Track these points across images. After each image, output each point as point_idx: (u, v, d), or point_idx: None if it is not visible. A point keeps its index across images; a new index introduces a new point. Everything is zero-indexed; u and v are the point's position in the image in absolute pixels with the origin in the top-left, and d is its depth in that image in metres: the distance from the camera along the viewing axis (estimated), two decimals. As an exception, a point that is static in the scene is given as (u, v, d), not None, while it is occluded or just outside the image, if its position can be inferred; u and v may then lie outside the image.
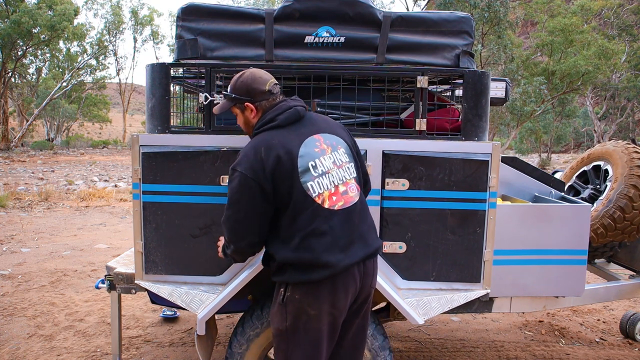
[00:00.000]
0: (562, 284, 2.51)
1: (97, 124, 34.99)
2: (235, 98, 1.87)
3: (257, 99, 1.85)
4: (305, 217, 1.75)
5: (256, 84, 1.85)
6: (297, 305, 1.78)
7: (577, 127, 29.26)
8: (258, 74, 1.87)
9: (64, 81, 27.14)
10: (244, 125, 1.93)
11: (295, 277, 1.77)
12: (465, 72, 2.33)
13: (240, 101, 1.86)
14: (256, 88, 1.84)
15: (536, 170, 3.10)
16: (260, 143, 1.78)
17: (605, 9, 22.67)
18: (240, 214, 1.77)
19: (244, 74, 1.88)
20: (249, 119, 1.89)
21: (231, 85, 1.89)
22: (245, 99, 1.85)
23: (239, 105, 1.88)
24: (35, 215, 8.44)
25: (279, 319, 1.82)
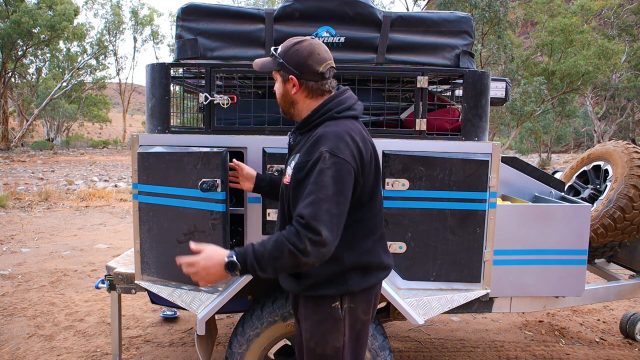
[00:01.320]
0: (562, 284, 2.51)
1: (97, 124, 34.99)
2: (282, 64, 1.64)
3: (305, 77, 1.63)
4: (378, 219, 1.70)
5: (311, 61, 1.62)
6: (354, 315, 1.67)
7: (577, 127, 29.25)
8: (317, 50, 1.63)
9: (64, 81, 27.14)
10: (281, 96, 1.70)
11: (358, 285, 1.63)
12: (465, 72, 2.33)
13: (287, 70, 1.64)
14: (310, 65, 1.62)
15: (536, 170, 3.10)
16: (352, 131, 1.59)
17: (605, 9, 22.68)
18: (340, 208, 1.48)
19: (303, 42, 1.64)
20: (289, 93, 1.67)
21: (284, 48, 1.65)
22: (293, 71, 1.63)
23: (283, 73, 1.66)
24: (35, 215, 8.44)
25: (335, 337, 1.65)
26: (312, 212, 1.44)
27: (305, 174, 1.53)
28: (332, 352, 1.66)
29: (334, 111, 1.64)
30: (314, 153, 1.53)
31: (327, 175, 1.48)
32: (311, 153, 1.55)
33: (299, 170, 1.56)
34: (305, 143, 1.64)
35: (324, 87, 1.67)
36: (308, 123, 1.66)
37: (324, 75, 1.64)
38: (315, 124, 1.65)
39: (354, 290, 1.64)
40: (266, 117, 2.37)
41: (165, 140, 2.32)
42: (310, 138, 1.61)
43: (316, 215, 1.43)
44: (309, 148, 1.57)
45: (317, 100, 1.67)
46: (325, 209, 1.45)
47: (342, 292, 1.63)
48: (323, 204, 1.45)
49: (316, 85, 1.65)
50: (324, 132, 1.58)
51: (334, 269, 1.62)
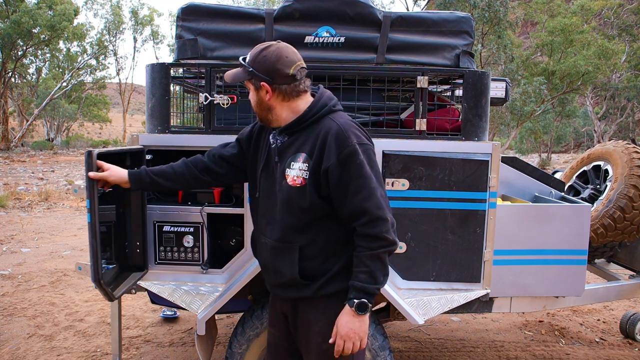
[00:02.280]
0: (562, 284, 2.51)
1: (97, 124, 34.98)
2: (252, 73, 1.62)
3: (277, 82, 1.61)
4: None
5: (280, 65, 1.59)
6: None
7: (577, 127, 29.24)
8: (284, 53, 1.61)
9: (64, 81, 27.14)
10: (256, 104, 1.68)
11: None
12: (465, 72, 2.33)
13: (257, 78, 1.62)
14: (279, 69, 1.60)
15: (536, 170, 3.10)
16: (354, 121, 1.66)
17: (605, 9, 22.68)
18: (384, 186, 1.62)
19: (270, 48, 1.62)
20: (263, 100, 1.64)
21: (252, 56, 1.63)
22: (263, 77, 1.60)
23: (254, 81, 1.64)
24: (35, 215, 8.44)
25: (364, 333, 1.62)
26: (373, 204, 1.54)
27: (341, 172, 1.56)
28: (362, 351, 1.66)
29: (331, 105, 1.66)
30: (342, 149, 1.56)
31: (365, 164, 1.56)
32: (338, 150, 1.56)
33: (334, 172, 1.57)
34: (308, 141, 1.62)
35: (299, 88, 1.65)
36: (303, 121, 1.65)
37: (295, 77, 1.62)
38: (313, 120, 1.64)
39: None
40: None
41: (165, 141, 2.32)
42: (317, 135, 1.61)
43: (378, 204, 1.55)
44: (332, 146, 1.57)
45: (295, 102, 1.66)
46: (380, 195, 1.56)
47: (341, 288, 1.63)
48: (376, 192, 1.56)
49: (289, 87, 1.63)
50: (336, 126, 1.60)
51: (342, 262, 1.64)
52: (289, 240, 1.64)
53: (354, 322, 1.57)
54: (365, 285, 1.55)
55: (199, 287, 2.32)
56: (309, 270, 1.64)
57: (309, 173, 1.60)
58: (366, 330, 1.60)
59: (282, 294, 1.74)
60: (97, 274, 1.84)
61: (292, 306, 1.74)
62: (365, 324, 1.59)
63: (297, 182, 1.61)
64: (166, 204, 2.40)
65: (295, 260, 1.63)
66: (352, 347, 1.59)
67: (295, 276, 1.63)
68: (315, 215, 1.63)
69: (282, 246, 1.66)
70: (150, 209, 2.34)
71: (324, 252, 1.64)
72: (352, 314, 1.57)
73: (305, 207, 1.61)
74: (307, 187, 1.59)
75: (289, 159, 1.64)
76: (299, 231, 1.64)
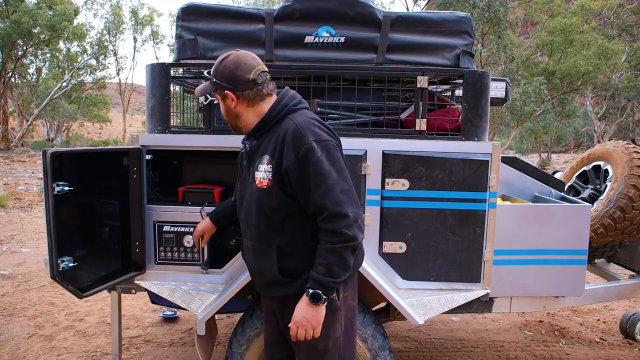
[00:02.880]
0: (562, 284, 2.51)
1: (97, 124, 34.94)
2: (215, 83, 1.68)
3: (239, 88, 1.66)
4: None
5: (239, 71, 1.65)
6: (347, 302, 1.73)
7: (577, 127, 29.22)
8: (243, 59, 1.67)
9: (64, 81, 27.11)
10: (225, 113, 1.74)
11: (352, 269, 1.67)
12: (465, 72, 2.33)
13: (221, 87, 1.68)
14: (239, 76, 1.65)
15: (536, 170, 3.10)
16: (314, 116, 1.68)
17: (605, 9, 22.66)
18: (348, 181, 1.60)
19: (228, 57, 1.68)
20: (230, 108, 1.70)
21: (214, 68, 1.70)
22: (225, 86, 1.66)
23: (220, 92, 1.70)
24: (35, 215, 8.44)
25: (336, 328, 1.69)
26: (330, 201, 1.55)
27: (300, 170, 1.59)
28: (333, 344, 1.70)
29: (291, 105, 1.70)
30: (299, 148, 1.58)
31: (323, 161, 1.57)
32: (295, 149, 1.59)
33: (293, 170, 1.59)
34: (271, 142, 1.66)
35: (262, 92, 1.69)
36: (266, 123, 1.69)
37: (256, 81, 1.67)
38: (275, 121, 1.68)
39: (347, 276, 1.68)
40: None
41: (165, 140, 2.32)
42: (277, 135, 1.64)
43: (336, 201, 1.55)
44: (289, 145, 1.60)
45: (261, 106, 1.70)
46: (340, 191, 1.56)
47: None
48: (334, 189, 1.55)
49: (252, 93, 1.67)
50: (294, 125, 1.63)
51: None
52: (266, 240, 1.69)
53: (307, 310, 1.60)
54: (321, 277, 1.57)
55: (198, 287, 2.32)
56: (290, 267, 1.68)
57: (272, 174, 1.64)
58: (320, 320, 1.61)
59: (269, 293, 1.78)
60: (53, 270, 1.90)
61: (281, 304, 1.77)
62: (319, 314, 1.60)
63: (263, 183, 1.66)
64: (166, 204, 2.41)
65: (274, 259, 1.67)
66: (305, 334, 1.62)
67: (276, 274, 1.67)
68: (287, 214, 1.66)
69: (261, 247, 1.70)
70: (150, 209, 2.34)
71: (304, 249, 1.67)
72: (307, 303, 1.60)
73: (274, 207, 1.65)
74: (273, 187, 1.64)
75: (257, 162, 1.69)
76: (274, 231, 1.68)
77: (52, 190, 1.87)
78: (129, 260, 2.32)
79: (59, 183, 1.89)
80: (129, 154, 2.26)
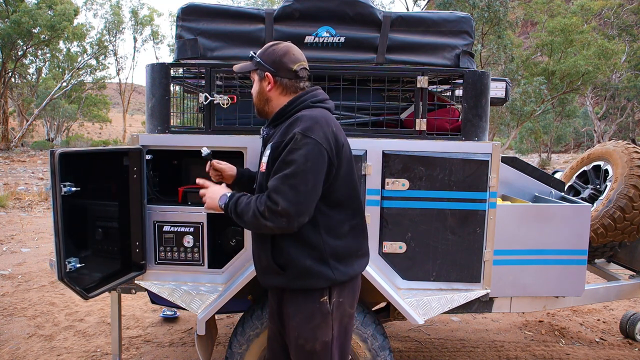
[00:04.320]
0: (562, 284, 2.51)
1: (97, 124, 34.93)
2: (258, 63, 1.75)
3: (279, 74, 1.73)
4: (357, 204, 1.77)
5: (286, 59, 1.73)
6: (342, 309, 1.73)
7: (577, 127, 29.23)
8: (292, 51, 1.76)
9: (64, 81, 27.11)
10: (257, 94, 1.79)
11: (343, 274, 1.69)
12: (465, 72, 2.33)
13: (263, 68, 1.74)
14: (284, 63, 1.73)
15: (536, 170, 3.10)
16: (328, 116, 1.70)
17: (605, 9, 22.66)
18: (308, 185, 1.57)
19: (280, 44, 1.77)
20: (264, 90, 1.76)
21: (261, 49, 1.78)
22: (268, 67, 1.73)
23: (259, 72, 1.76)
24: (35, 215, 8.44)
25: (324, 332, 1.70)
26: (275, 185, 1.57)
27: (278, 153, 1.63)
28: (321, 347, 1.70)
29: (310, 101, 1.74)
30: (288, 134, 1.62)
31: (298, 154, 1.57)
32: (286, 134, 1.64)
33: (274, 150, 1.64)
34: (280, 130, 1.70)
35: (298, 85, 1.76)
36: (284, 114, 1.74)
37: (298, 73, 1.74)
38: (291, 113, 1.72)
39: (342, 280, 1.69)
40: (266, 117, 2.36)
41: (165, 140, 2.32)
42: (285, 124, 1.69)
43: (278, 188, 1.57)
44: (285, 129, 1.66)
45: (291, 98, 1.76)
46: (290, 184, 1.56)
47: (330, 284, 1.67)
48: (288, 180, 1.56)
49: (290, 82, 1.74)
50: (301, 115, 1.67)
51: (315, 254, 1.67)
52: None
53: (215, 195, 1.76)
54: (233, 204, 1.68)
55: (198, 287, 2.32)
56: (281, 257, 1.70)
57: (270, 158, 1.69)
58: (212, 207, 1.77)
59: (263, 281, 1.82)
60: (61, 271, 1.89)
61: (278, 298, 1.80)
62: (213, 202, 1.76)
63: (263, 167, 1.71)
64: (166, 204, 2.41)
65: (269, 246, 1.70)
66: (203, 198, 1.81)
67: (270, 260, 1.70)
68: None
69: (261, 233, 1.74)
70: (150, 209, 2.34)
71: (296, 242, 1.67)
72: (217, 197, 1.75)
73: None
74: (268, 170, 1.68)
75: (266, 148, 1.74)
76: None
77: (59, 190, 1.86)
78: (129, 260, 2.32)
79: (65, 184, 1.89)
80: (129, 154, 2.26)
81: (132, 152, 2.26)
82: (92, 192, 2.14)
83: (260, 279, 1.84)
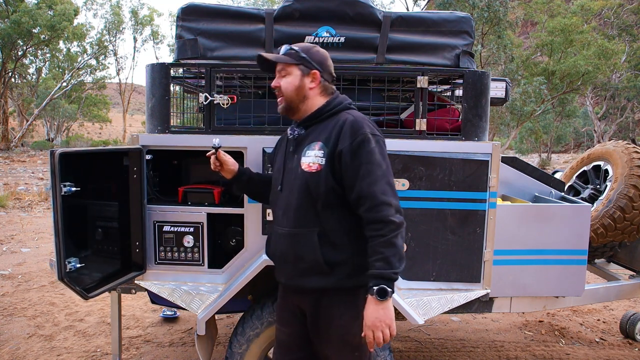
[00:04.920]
0: (562, 284, 2.51)
1: (97, 124, 34.93)
2: (305, 59, 1.76)
3: (324, 75, 1.79)
4: None
5: (329, 62, 1.82)
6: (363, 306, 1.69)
7: (577, 127, 29.22)
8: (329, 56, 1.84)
9: (64, 81, 27.10)
10: (295, 89, 1.76)
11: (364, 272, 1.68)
12: (465, 72, 2.33)
13: (310, 66, 1.76)
14: (329, 65, 1.82)
15: (536, 170, 3.10)
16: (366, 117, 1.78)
17: (605, 9, 22.66)
18: (392, 176, 1.69)
19: (317, 46, 1.83)
20: (305, 87, 1.76)
21: (303, 47, 1.79)
22: (315, 66, 1.76)
23: (303, 67, 1.76)
24: (35, 215, 8.44)
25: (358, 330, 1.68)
26: (378, 189, 1.61)
27: (352, 156, 1.65)
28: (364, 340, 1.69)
29: (346, 103, 1.80)
30: (355, 136, 1.66)
31: (376, 153, 1.65)
32: (352, 137, 1.66)
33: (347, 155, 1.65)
34: (324, 131, 1.71)
35: (331, 89, 1.82)
36: (320, 114, 1.77)
37: (333, 78, 1.84)
38: (330, 114, 1.76)
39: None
40: (266, 117, 2.37)
41: (165, 140, 2.32)
42: (334, 125, 1.71)
43: (383, 190, 1.62)
44: (347, 132, 1.67)
45: (325, 98, 1.80)
46: (386, 182, 1.64)
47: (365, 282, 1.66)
48: (383, 179, 1.63)
49: (328, 85, 1.81)
50: (352, 117, 1.71)
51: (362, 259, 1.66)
52: (306, 225, 1.70)
53: (377, 310, 1.58)
54: (382, 272, 1.57)
55: (198, 287, 2.32)
56: (330, 256, 1.68)
57: (325, 159, 1.68)
58: (392, 316, 1.60)
59: (302, 284, 1.75)
60: (61, 271, 1.89)
61: (315, 301, 1.75)
62: (389, 310, 1.59)
63: (312, 168, 1.69)
64: (166, 204, 2.41)
65: (316, 244, 1.68)
66: (382, 335, 1.59)
67: (319, 259, 1.67)
68: (331, 202, 1.69)
69: (300, 232, 1.71)
70: (150, 209, 2.34)
71: (343, 241, 1.69)
72: (375, 302, 1.58)
73: (321, 191, 1.68)
74: (323, 172, 1.68)
75: (305, 149, 1.73)
76: (316, 217, 1.70)
77: (59, 190, 1.86)
78: (129, 260, 2.32)
79: (65, 184, 1.89)
80: (129, 154, 2.26)
81: (132, 152, 2.26)
82: (92, 192, 2.14)
83: (293, 281, 1.77)
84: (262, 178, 2.06)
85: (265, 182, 2.01)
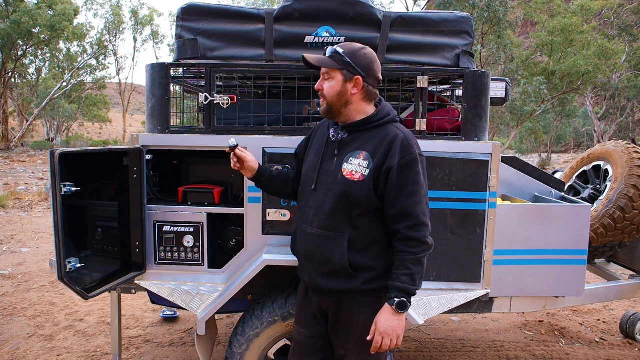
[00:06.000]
0: (562, 284, 2.51)
1: (97, 124, 34.92)
2: (349, 64, 1.69)
3: (368, 80, 1.72)
4: None
5: (376, 67, 1.74)
6: None
7: (577, 127, 29.22)
8: (377, 58, 1.76)
9: (64, 81, 27.10)
10: (337, 94, 1.72)
11: None
12: (465, 72, 2.33)
13: (353, 71, 1.70)
14: (375, 70, 1.73)
15: (536, 170, 3.10)
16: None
17: (605, 9, 22.65)
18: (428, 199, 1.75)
19: (367, 49, 1.75)
20: (347, 92, 1.72)
21: (348, 50, 1.72)
22: (360, 72, 1.70)
23: (347, 72, 1.70)
24: (35, 215, 8.44)
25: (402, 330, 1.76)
26: (420, 210, 1.68)
27: (399, 175, 1.67)
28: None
29: (394, 116, 1.79)
30: (404, 155, 1.68)
31: (421, 174, 1.70)
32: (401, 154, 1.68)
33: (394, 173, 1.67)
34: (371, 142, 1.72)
35: (376, 94, 1.77)
36: (369, 122, 1.75)
37: (380, 83, 1.77)
38: (378, 124, 1.75)
39: None
40: (266, 117, 2.37)
41: (165, 140, 2.32)
42: (383, 138, 1.72)
43: (424, 211, 1.70)
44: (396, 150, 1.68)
45: (369, 105, 1.77)
46: (426, 203, 1.71)
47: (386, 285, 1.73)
48: (424, 200, 1.70)
49: (373, 90, 1.76)
50: (402, 134, 1.72)
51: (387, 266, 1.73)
52: (338, 230, 1.72)
53: (392, 320, 1.66)
54: (406, 287, 1.65)
55: (198, 287, 2.32)
56: (356, 262, 1.72)
57: (369, 170, 1.69)
58: (403, 327, 1.69)
59: (326, 285, 1.77)
60: (61, 271, 1.89)
61: (336, 300, 1.79)
62: (402, 322, 1.68)
63: (355, 176, 1.70)
64: (166, 204, 2.41)
65: (345, 249, 1.70)
66: (390, 343, 1.67)
67: (345, 264, 1.71)
68: (366, 211, 1.71)
69: (331, 235, 1.73)
70: (150, 209, 2.34)
71: (371, 248, 1.73)
72: (392, 312, 1.66)
73: (360, 200, 1.69)
74: (366, 182, 1.68)
75: (348, 155, 1.73)
76: (349, 223, 1.72)
77: (60, 190, 1.86)
78: (129, 260, 2.32)
79: (65, 184, 1.89)
80: (129, 154, 2.26)
81: (132, 152, 2.26)
82: (92, 192, 2.14)
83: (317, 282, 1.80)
84: (283, 177, 2.02)
85: (285, 181, 2.01)
